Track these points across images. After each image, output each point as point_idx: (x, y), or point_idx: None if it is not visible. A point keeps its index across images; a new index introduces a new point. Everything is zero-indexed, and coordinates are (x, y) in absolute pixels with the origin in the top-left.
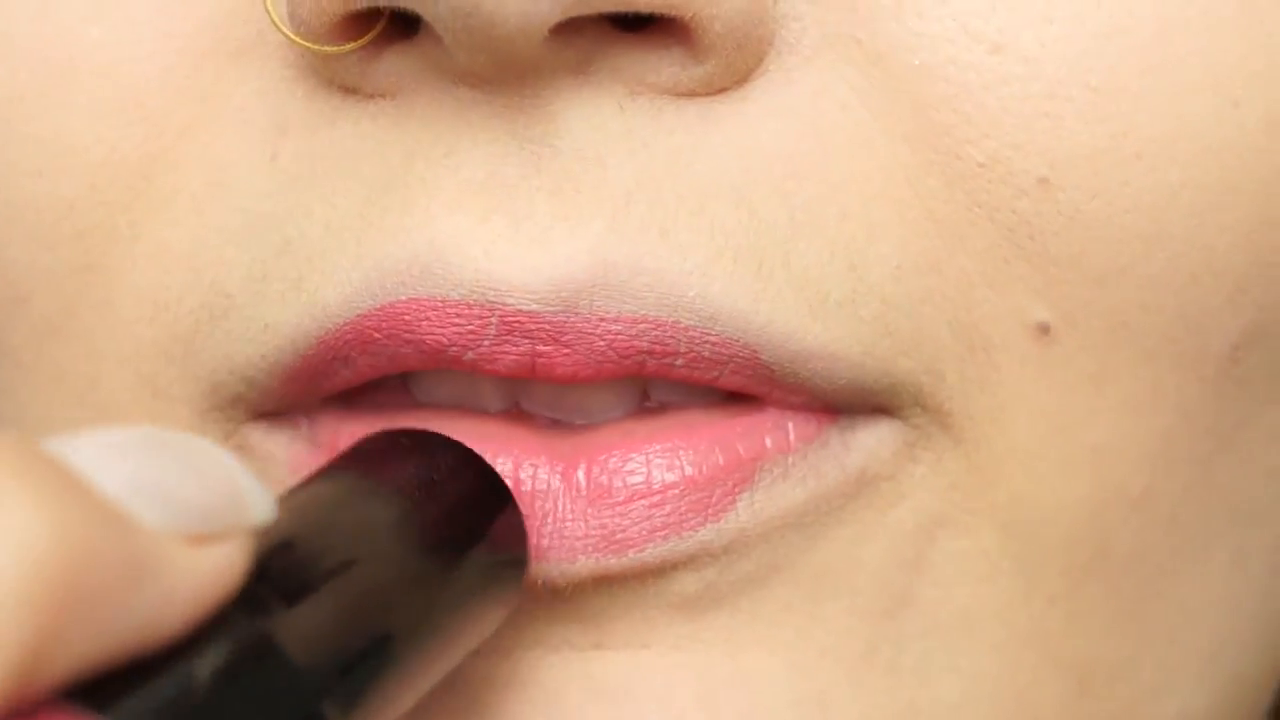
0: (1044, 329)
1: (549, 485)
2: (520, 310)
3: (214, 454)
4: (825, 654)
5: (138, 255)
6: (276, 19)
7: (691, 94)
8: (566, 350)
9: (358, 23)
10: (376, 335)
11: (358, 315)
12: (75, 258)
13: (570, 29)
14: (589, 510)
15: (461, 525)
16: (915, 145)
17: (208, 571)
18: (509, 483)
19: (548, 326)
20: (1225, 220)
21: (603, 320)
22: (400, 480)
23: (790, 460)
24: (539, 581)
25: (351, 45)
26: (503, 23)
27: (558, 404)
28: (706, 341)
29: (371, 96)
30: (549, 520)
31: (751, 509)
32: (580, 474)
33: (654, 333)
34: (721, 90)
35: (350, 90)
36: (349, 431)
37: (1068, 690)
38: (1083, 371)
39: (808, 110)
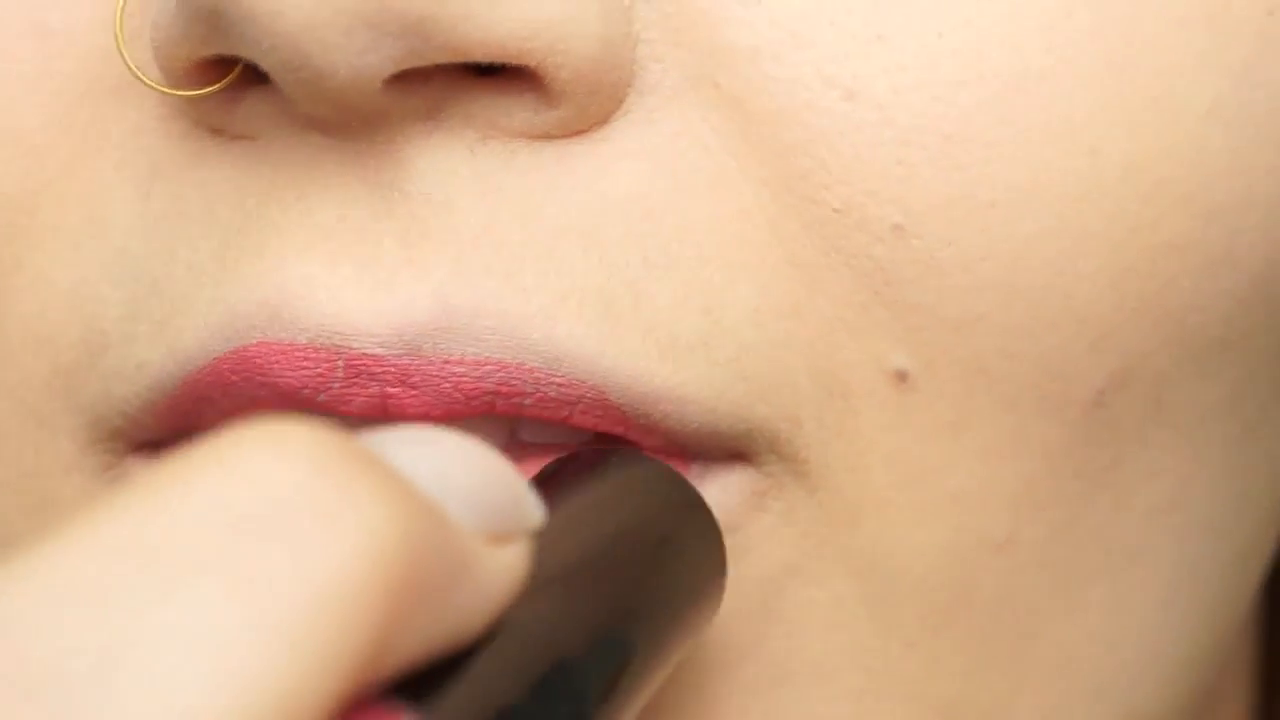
0: (902, 376)
1: None
2: (365, 354)
3: (496, 456)
4: (665, 710)
5: (21, 288)
6: (134, 68)
7: (547, 137)
8: (414, 392)
9: (217, 67)
10: (232, 378)
11: (214, 359)
12: None
13: (412, 78)
14: None
15: (677, 537)
16: (774, 189)
17: (506, 571)
18: None
19: (393, 369)
20: (1085, 268)
21: (447, 363)
22: (617, 494)
23: None
24: None
25: (209, 89)
26: (332, 75)
27: None
28: (552, 382)
29: (237, 138)
30: None
31: None
32: None
33: (499, 374)
34: (579, 132)
35: (217, 131)
36: None
37: None
38: (941, 418)
39: (667, 151)
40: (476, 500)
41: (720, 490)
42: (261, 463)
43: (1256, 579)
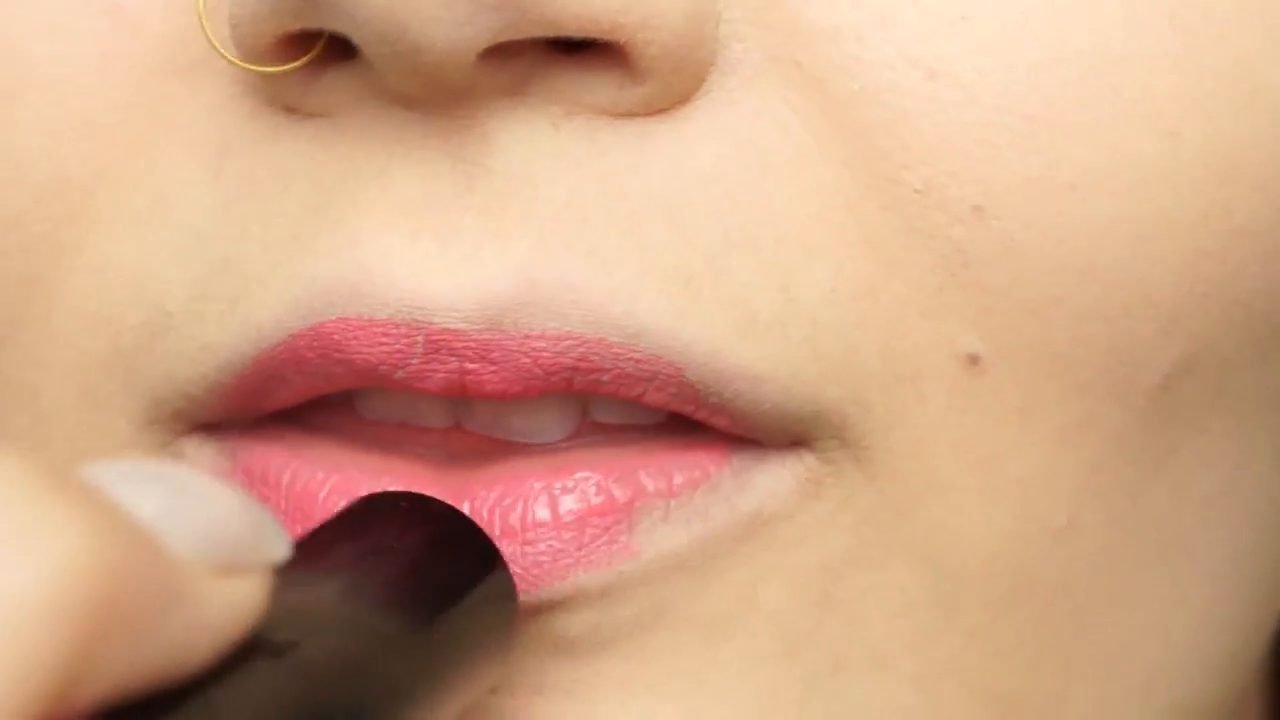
0: (974, 359)
1: None
2: (447, 329)
3: (234, 492)
4: (721, 699)
5: (81, 269)
6: (215, 42)
7: (630, 114)
8: (494, 368)
9: (297, 44)
10: (309, 355)
11: (290, 335)
12: (20, 270)
13: (503, 52)
14: None
15: (429, 583)
16: (854, 169)
17: (232, 603)
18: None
19: (474, 345)
20: (1160, 252)
21: (528, 338)
22: (367, 544)
23: (671, 504)
24: None
25: (290, 66)
26: (429, 49)
27: (498, 422)
28: (630, 358)
29: (311, 116)
30: None
31: (628, 551)
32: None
33: (579, 349)
34: (661, 111)
35: (291, 109)
36: (279, 450)
37: None
38: (1010, 403)
39: (748, 131)
40: (201, 531)
41: (773, 479)
42: None
43: None
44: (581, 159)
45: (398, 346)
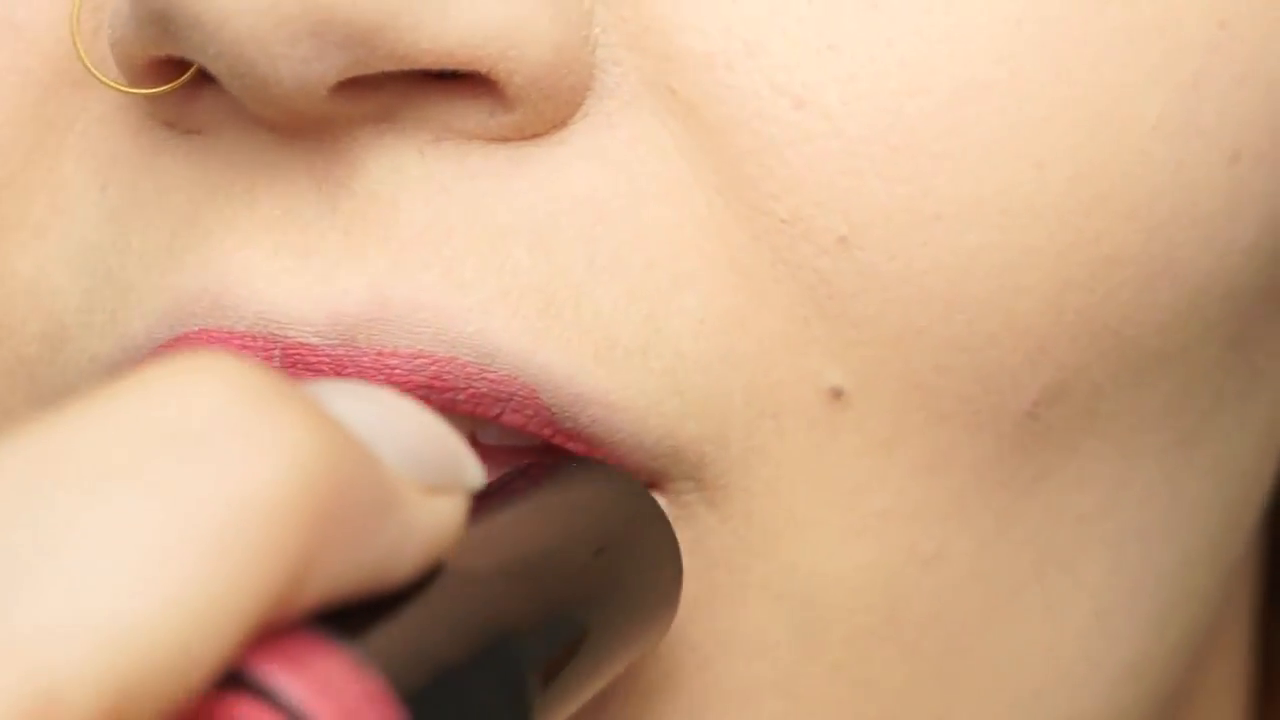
0: (837, 393)
1: None
2: (302, 343)
3: (434, 416)
4: None
5: None
6: (88, 63)
7: (502, 139)
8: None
9: (175, 64)
10: None
11: (158, 346)
12: None
13: (364, 83)
14: None
15: (635, 540)
16: (726, 198)
17: (438, 520)
18: None
19: (328, 359)
20: (1027, 282)
21: (380, 354)
22: (580, 493)
23: None
24: None
25: (163, 88)
26: (277, 84)
27: None
28: (484, 378)
29: (190, 132)
30: None
31: None
32: None
33: (432, 368)
34: (535, 135)
35: (171, 125)
36: None
37: None
38: (873, 436)
39: (624, 155)
40: (410, 449)
41: None
42: (191, 385)
43: (1217, 585)
44: (447, 183)
45: (254, 358)
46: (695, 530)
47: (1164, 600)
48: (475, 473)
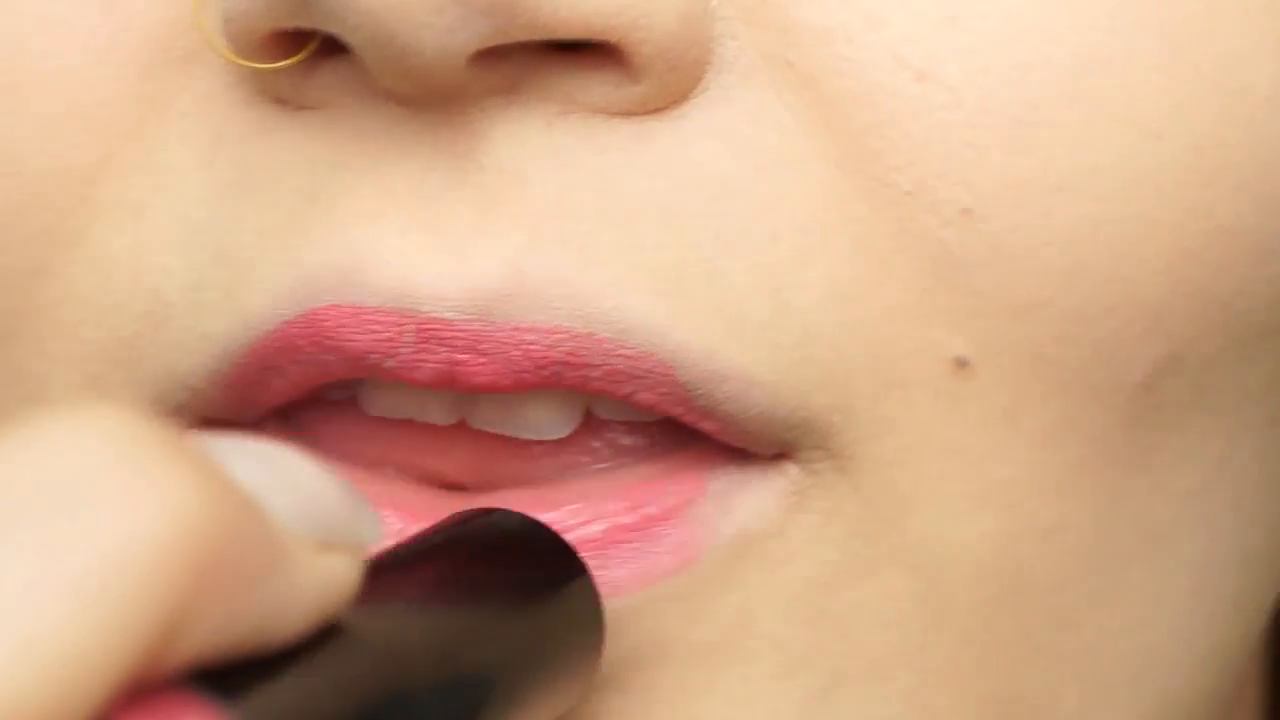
0: (961, 363)
1: None
2: (436, 318)
3: (332, 474)
4: None
5: (82, 260)
6: (211, 37)
7: (626, 113)
8: (483, 359)
9: (291, 39)
10: (302, 343)
11: (283, 323)
12: (23, 263)
13: (494, 54)
14: None
15: (515, 581)
16: (847, 170)
17: (327, 580)
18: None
19: (464, 335)
20: (1144, 253)
21: (517, 329)
22: (492, 543)
23: (650, 533)
24: None
25: (285, 62)
26: (418, 54)
27: (502, 419)
28: (620, 354)
29: (304, 108)
30: None
31: (610, 586)
32: None
33: (569, 344)
34: (658, 110)
35: (284, 101)
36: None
37: None
38: (996, 406)
39: (745, 130)
40: (301, 505)
41: (757, 499)
42: (70, 438)
43: None
44: (575, 157)
45: (388, 334)
46: (831, 499)
47: (1246, 580)
48: (373, 530)
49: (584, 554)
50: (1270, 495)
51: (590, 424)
